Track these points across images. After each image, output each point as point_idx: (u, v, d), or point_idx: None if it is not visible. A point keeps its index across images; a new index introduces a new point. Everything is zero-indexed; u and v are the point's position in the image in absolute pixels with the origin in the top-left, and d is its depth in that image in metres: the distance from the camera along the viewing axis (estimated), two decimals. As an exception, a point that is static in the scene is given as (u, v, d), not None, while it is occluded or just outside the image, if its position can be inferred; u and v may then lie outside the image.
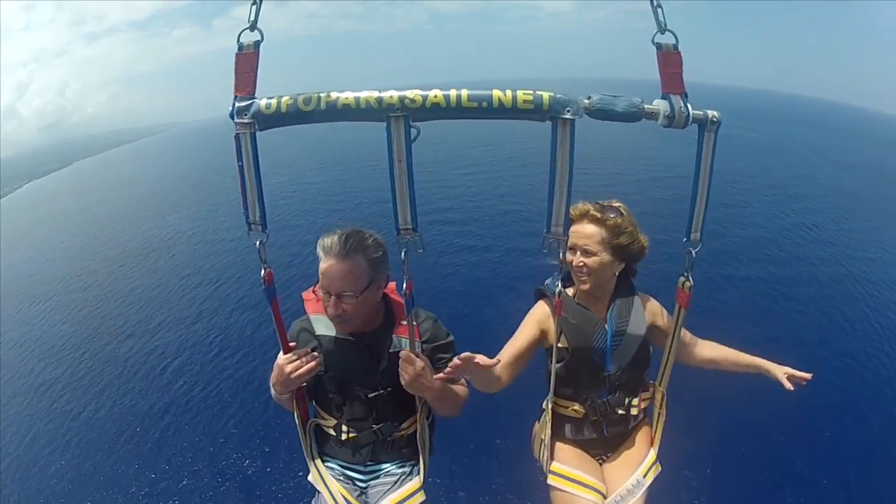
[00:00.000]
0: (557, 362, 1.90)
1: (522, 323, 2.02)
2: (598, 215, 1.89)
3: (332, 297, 1.72)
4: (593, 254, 1.89)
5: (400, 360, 1.70)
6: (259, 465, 6.55)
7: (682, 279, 1.75)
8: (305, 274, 11.63)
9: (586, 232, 1.90)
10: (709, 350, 2.13)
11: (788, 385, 1.95)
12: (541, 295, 2.05)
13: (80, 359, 10.46)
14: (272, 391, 1.86)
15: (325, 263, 1.72)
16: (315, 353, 1.77)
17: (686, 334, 2.03)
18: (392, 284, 1.89)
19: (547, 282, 2.00)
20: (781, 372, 1.99)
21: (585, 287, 1.95)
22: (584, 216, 1.91)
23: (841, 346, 8.24)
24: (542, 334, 1.98)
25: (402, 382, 1.70)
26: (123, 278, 14.65)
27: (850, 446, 6.24)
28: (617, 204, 1.95)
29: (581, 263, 1.90)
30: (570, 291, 2.04)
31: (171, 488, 6.55)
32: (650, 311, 2.03)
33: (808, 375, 1.95)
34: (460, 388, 1.94)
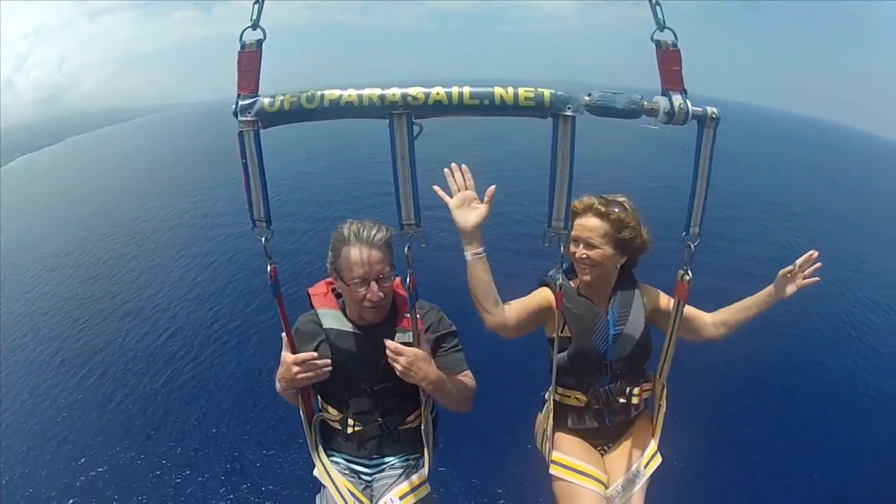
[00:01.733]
0: (560, 351, 1.94)
1: (530, 294, 2.04)
2: (602, 209, 1.91)
3: (372, 282, 1.77)
4: (596, 247, 1.91)
5: (387, 351, 1.71)
6: (260, 456, 6.73)
7: (681, 272, 1.77)
8: (295, 252, 11.75)
9: (590, 225, 1.92)
10: (717, 317, 2.05)
11: (801, 283, 1.88)
12: (543, 284, 2.07)
13: (72, 326, 10.72)
14: (277, 385, 1.89)
15: (360, 251, 1.75)
16: (327, 361, 1.78)
17: (692, 314, 2.00)
18: (397, 279, 1.91)
19: (551, 272, 2.01)
20: (783, 280, 1.89)
21: (587, 278, 1.98)
22: (589, 209, 1.94)
23: (818, 358, 8.88)
24: (549, 309, 2.00)
25: (396, 372, 1.72)
26: (116, 255, 14.81)
27: (834, 445, 6.86)
28: (622, 199, 1.97)
29: (584, 255, 1.93)
30: (573, 283, 2.06)
31: (166, 445, 6.87)
32: (650, 300, 2.06)
33: (812, 254, 1.87)
34: (467, 380, 1.94)
